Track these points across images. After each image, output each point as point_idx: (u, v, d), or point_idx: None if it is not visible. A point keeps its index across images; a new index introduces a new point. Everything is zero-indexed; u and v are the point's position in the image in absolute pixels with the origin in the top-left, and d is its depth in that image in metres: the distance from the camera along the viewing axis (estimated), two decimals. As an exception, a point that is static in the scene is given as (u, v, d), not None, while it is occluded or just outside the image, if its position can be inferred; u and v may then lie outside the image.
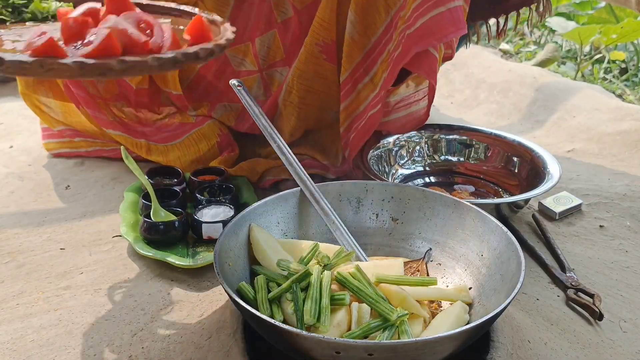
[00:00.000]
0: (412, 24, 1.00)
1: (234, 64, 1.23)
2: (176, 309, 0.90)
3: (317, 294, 0.74)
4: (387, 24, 1.05)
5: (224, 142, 1.28)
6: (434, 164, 1.30)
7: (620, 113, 1.54)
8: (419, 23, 0.99)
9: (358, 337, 0.71)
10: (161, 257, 0.98)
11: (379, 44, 1.07)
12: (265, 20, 1.18)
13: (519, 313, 0.89)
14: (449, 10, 0.97)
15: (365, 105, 1.11)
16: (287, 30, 1.18)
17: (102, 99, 1.27)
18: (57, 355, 0.80)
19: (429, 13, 0.98)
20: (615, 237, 1.10)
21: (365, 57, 1.09)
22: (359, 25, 1.06)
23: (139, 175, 1.08)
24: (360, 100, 1.12)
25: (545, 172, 1.13)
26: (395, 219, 0.96)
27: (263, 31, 1.19)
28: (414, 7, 0.99)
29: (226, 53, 1.21)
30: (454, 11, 0.97)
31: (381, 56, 1.07)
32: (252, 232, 0.87)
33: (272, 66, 1.23)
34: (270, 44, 1.21)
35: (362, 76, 1.10)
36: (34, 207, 1.19)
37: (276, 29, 1.19)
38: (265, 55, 1.22)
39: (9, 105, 1.68)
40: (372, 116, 1.11)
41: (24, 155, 1.40)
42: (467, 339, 0.71)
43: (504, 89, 1.76)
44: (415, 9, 0.99)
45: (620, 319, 0.90)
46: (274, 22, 1.18)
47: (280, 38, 1.19)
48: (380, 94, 1.09)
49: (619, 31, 2.03)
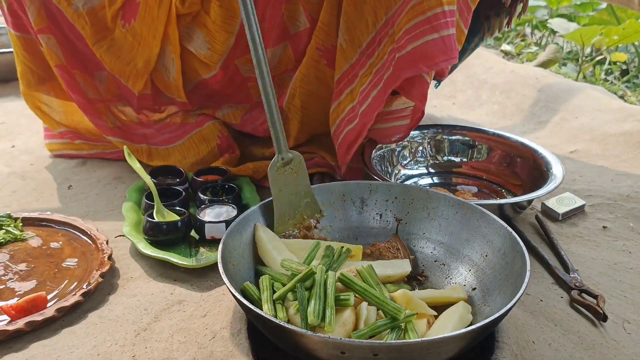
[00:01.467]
0: (403, 47, 0.97)
1: (242, 72, 1.22)
2: (179, 308, 0.90)
3: (321, 294, 0.74)
4: (372, 38, 1.03)
5: (224, 144, 1.28)
6: (437, 165, 1.29)
7: (622, 114, 1.54)
8: (410, 47, 0.95)
9: (365, 336, 0.71)
10: (164, 257, 0.98)
11: (362, 56, 1.05)
12: (278, 33, 1.16)
13: (523, 314, 0.88)
14: (441, 38, 0.94)
15: (342, 117, 1.10)
16: (299, 42, 1.17)
17: (103, 100, 1.26)
18: (61, 355, 0.80)
19: (422, 38, 0.94)
20: (618, 238, 1.10)
21: (350, 69, 1.08)
22: (347, 34, 1.05)
23: (142, 174, 1.07)
24: (341, 108, 1.11)
25: (548, 172, 1.13)
26: (399, 219, 0.96)
27: (275, 43, 1.17)
28: (407, 29, 0.96)
29: (235, 62, 1.20)
30: (447, 39, 0.94)
31: (362, 69, 1.05)
32: (257, 231, 0.87)
33: (283, 73, 1.22)
34: (282, 55, 1.19)
35: (346, 85, 1.09)
36: (36, 206, 1.19)
37: (288, 42, 1.17)
38: (276, 65, 1.21)
39: (11, 104, 1.68)
40: (348, 134, 1.09)
41: (26, 155, 1.40)
42: (472, 339, 0.71)
43: (506, 89, 1.76)
44: (407, 32, 0.96)
45: (624, 320, 0.90)
46: (287, 34, 1.16)
47: (292, 50, 1.18)
48: (356, 108, 1.07)
49: (621, 32, 2.03)
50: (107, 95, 1.27)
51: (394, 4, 0.98)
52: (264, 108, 0.91)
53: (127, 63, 1.21)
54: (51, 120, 1.36)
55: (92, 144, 1.37)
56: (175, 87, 1.23)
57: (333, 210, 0.97)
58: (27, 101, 1.33)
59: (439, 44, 0.93)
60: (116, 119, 1.29)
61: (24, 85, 1.31)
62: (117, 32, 1.18)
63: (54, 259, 0.99)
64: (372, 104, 1.04)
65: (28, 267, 0.97)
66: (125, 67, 1.21)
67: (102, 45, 1.19)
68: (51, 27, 1.19)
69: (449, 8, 0.93)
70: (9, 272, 0.95)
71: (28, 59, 1.26)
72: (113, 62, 1.20)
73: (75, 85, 1.23)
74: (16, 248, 1.01)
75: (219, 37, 1.15)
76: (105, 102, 1.27)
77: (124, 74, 1.22)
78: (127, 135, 1.28)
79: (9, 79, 1.87)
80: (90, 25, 1.17)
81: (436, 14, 0.93)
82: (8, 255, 0.99)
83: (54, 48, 1.20)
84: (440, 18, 0.93)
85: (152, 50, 1.18)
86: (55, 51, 1.20)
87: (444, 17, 0.93)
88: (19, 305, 0.85)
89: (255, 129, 1.29)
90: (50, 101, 1.33)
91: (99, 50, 1.20)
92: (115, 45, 1.19)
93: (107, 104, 1.28)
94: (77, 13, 1.16)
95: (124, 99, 1.28)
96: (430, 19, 0.93)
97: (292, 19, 1.14)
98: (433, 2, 0.93)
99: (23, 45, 1.25)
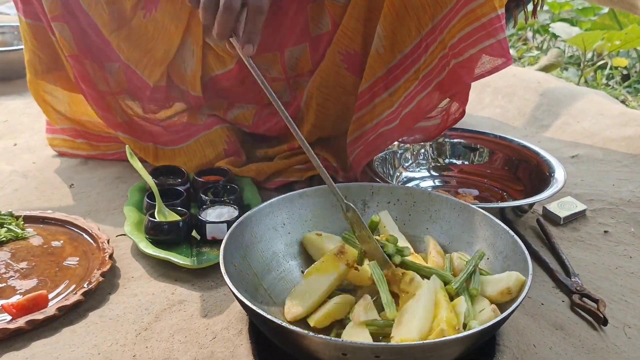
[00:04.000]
0: (460, 54, 0.97)
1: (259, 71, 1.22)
2: (180, 308, 0.90)
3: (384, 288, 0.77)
4: (416, 44, 1.03)
5: (231, 149, 1.27)
6: (439, 167, 1.30)
7: (624, 119, 1.54)
8: (468, 54, 0.96)
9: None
10: (165, 256, 0.98)
11: (405, 61, 1.05)
12: (299, 33, 1.16)
13: (524, 317, 0.88)
14: (498, 42, 0.94)
15: (378, 121, 1.10)
16: (318, 45, 1.16)
17: (112, 93, 1.26)
18: (61, 354, 0.80)
19: (479, 45, 0.95)
20: (619, 243, 1.10)
21: (388, 73, 1.07)
22: (386, 40, 1.05)
23: (143, 174, 1.07)
24: (374, 114, 1.11)
25: (550, 176, 1.13)
26: (400, 222, 0.96)
27: (295, 43, 1.17)
28: (462, 36, 0.96)
29: (252, 60, 1.20)
30: (503, 42, 0.94)
31: (405, 75, 1.05)
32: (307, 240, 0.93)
33: (298, 76, 1.22)
34: (299, 56, 1.19)
35: (381, 91, 1.09)
36: (38, 205, 1.19)
37: (308, 43, 1.17)
38: (293, 66, 1.20)
39: (13, 103, 1.68)
40: (384, 133, 1.10)
41: (28, 153, 1.40)
42: (473, 343, 0.71)
43: (508, 93, 1.76)
44: (463, 39, 0.96)
45: (625, 324, 0.90)
46: (307, 36, 1.16)
47: (310, 52, 1.18)
48: (397, 111, 1.07)
49: (623, 37, 2.03)
50: (117, 88, 1.26)
51: (440, 10, 0.98)
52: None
53: (146, 52, 1.20)
54: (54, 112, 1.34)
55: (93, 144, 1.37)
56: (191, 80, 1.23)
57: (334, 212, 0.97)
58: (32, 90, 1.32)
59: (497, 48, 0.94)
60: (124, 113, 1.28)
61: (30, 73, 1.30)
62: (135, 21, 1.18)
63: (55, 257, 0.99)
64: (417, 109, 1.05)
65: (29, 265, 0.97)
66: (144, 56, 1.20)
67: (120, 33, 1.18)
68: (65, 15, 1.18)
69: (501, 12, 0.94)
70: (10, 270, 0.95)
71: (37, 46, 1.26)
72: (131, 51, 1.20)
73: (87, 76, 1.23)
74: (17, 246, 1.01)
75: None
76: (114, 94, 1.27)
77: (141, 63, 1.21)
78: (134, 132, 1.28)
79: (11, 77, 1.87)
80: (108, 13, 1.16)
81: (491, 19, 0.93)
82: (9, 254, 0.99)
83: (67, 37, 1.19)
84: (495, 23, 0.93)
85: (172, 41, 1.18)
86: (69, 40, 1.19)
87: (498, 22, 0.93)
88: (20, 304, 0.85)
89: (268, 130, 1.28)
90: (55, 90, 1.32)
91: (116, 38, 1.19)
92: (134, 34, 1.19)
93: (116, 96, 1.27)
94: (95, 0, 1.16)
95: (133, 93, 1.28)
96: (485, 25, 0.93)
97: (315, 19, 1.14)
98: (487, 8, 0.93)
99: (33, 33, 1.24)
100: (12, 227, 1.04)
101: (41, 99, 1.33)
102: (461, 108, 1.06)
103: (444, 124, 1.11)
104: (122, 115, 1.27)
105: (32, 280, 0.93)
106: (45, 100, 1.33)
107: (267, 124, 1.28)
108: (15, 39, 2.07)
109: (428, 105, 1.05)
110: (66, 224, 1.07)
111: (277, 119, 1.27)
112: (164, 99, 1.28)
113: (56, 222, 1.08)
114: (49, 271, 0.95)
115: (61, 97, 1.33)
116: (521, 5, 1.30)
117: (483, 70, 0.98)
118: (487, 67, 0.97)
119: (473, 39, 0.95)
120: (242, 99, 1.27)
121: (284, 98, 1.25)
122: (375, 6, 1.06)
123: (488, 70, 0.97)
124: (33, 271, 0.95)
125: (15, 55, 1.84)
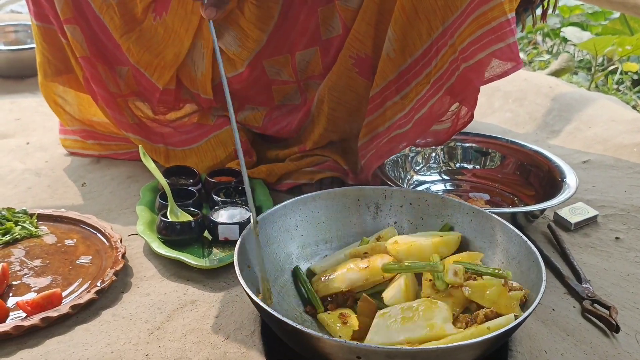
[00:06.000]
0: (469, 57, 0.97)
1: (269, 74, 1.22)
2: (192, 308, 0.90)
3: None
4: (427, 47, 1.03)
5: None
6: (450, 171, 1.30)
7: (636, 125, 1.54)
8: (477, 57, 0.96)
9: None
10: (177, 256, 0.98)
11: (416, 65, 1.05)
12: (310, 36, 1.16)
13: (535, 323, 0.88)
14: (508, 46, 0.94)
15: (390, 124, 1.10)
16: (329, 48, 1.17)
17: (122, 96, 1.27)
18: (75, 352, 0.81)
19: (489, 48, 0.95)
20: (631, 250, 1.09)
21: (399, 77, 1.07)
22: (397, 43, 1.05)
23: (156, 174, 1.08)
24: (385, 118, 1.11)
25: (562, 182, 1.13)
26: (413, 226, 0.96)
27: (305, 46, 1.18)
28: (472, 39, 0.96)
29: (263, 63, 1.20)
30: (512, 46, 0.94)
31: (417, 78, 1.06)
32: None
33: (309, 78, 1.22)
34: (310, 60, 1.19)
35: (393, 94, 1.09)
36: (50, 203, 1.20)
37: (318, 46, 1.17)
38: (304, 69, 1.21)
39: (26, 101, 1.69)
40: (396, 137, 1.10)
41: (41, 152, 1.41)
42: (486, 348, 0.71)
43: (519, 97, 1.76)
44: (473, 42, 0.96)
45: (637, 332, 0.90)
46: (318, 39, 1.16)
47: (320, 56, 1.18)
48: (410, 115, 1.08)
49: (634, 42, 2.02)
50: (126, 90, 1.27)
51: (450, 14, 0.98)
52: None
53: (156, 55, 1.20)
54: (65, 114, 1.36)
55: (104, 144, 1.37)
56: (202, 83, 1.23)
57: (347, 214, 0.97)
58: (43, 92, 1.33)
59: (507, 52, 0.94)
60: (134, 115, 1.29)
61: (41, 75, 1.31)
62: (145, 23, 1.18)
63: (68, 256, 1.00)
64: (429, 113, 1.05)
65: (43, 263, 0.97)
66: (154, 59, 1.21)
67: (130, 36, 1.19)
68: (77, 17, 1.19)
69: (511, 16, 0.94)
70: (25, 268, 0.96)
71: (47, 49, 1.27)
72: (141, 54, 1.20)
73: (99, 78, 1.24)
74: (32, 244, 1.02)
75: (252, 35, 1.15)
76: (124, 97, 1.27)
77: (151, 66, 1.22)
78: (145, 134, 1.28)
79: (23, 75, 1.88)
80: (119, 16, 1.17)
81: (501, 23, 0.93)
82: (24, 251, 1.00)
83: (79, 39, 1.20)
84: (505, 27, 0.93)
85: (183, 44, 1.19)
86: (80, 42, 1.20)
87: (508, 25, 0.93)
88: (34, 301, 0.86)
89: (278, 132, 1.29)
90: (66, 93, 1.33)
91: (127, 41, 1.19)
92: (144, 37, 1.19)
93: (126, 98, 1.28)
94: (107, 4, 1.17)
95: (142, 96, 1.28)
96: (495, 28, 0.94)
97: (326, 23, 1.15)
98: (497, 12, 0.93)
99: (43, 35, 1.25)
100: (27, 225, 1.05)
101: (52, 101, 1.34)
102: (470, 112, 1.07)
103: (454, 128, 1.11)
104: (132, 117, 1.28)
105: (46, 278, 0.94)
106: (56, 102, 1.34)
107: (277, 125, 1.29)
108: (29, 37, 2.08)
109: (440, 110, 1.05)
110: (79, 222, 1.08)
111: (287, 121, 1.28)
112: (174, 101, 1.29)
113: (69, 220, 1.09)
114: (62, 269, 0.96)
115: (71, 100, 1.34)
116: (529, 9, 1.30)
117: (493, 74, 0.98)
118: (496, 71, 0.98)
119: (483, 42, 0.95)
120: (253, 101, 1.28)
121: (294, 101, 1.25)
122: (386, 9, 1.07)
123: (498, 74, 0.98)
124: (47, 269, 0.96)
125: (28, 53, 1.85)
